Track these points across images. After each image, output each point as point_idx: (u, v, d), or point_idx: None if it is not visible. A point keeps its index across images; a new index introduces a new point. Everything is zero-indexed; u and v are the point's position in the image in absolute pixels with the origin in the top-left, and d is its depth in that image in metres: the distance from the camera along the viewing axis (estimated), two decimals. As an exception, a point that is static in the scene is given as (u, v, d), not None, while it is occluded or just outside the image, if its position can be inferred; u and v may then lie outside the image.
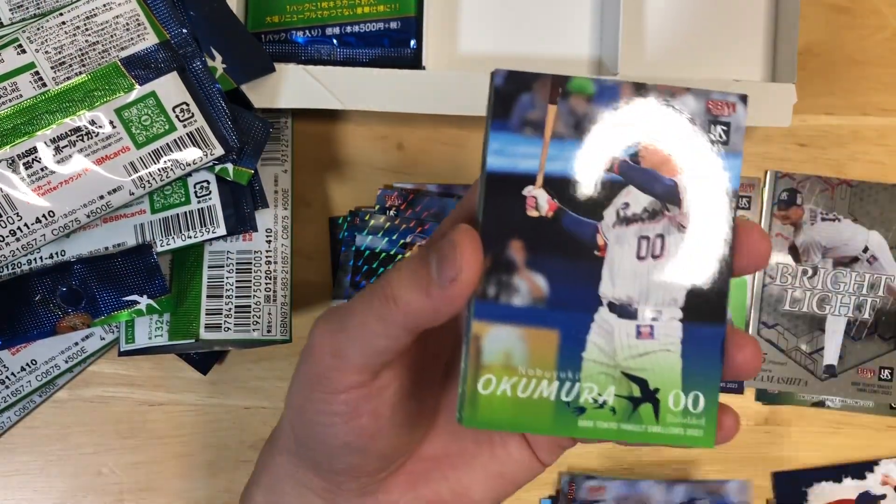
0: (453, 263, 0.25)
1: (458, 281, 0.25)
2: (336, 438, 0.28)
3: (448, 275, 0.25)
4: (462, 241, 0.25)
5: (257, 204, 0.43)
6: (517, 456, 0.31)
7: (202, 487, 0.49)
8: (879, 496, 0.49)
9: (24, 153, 0.39)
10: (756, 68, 0.49)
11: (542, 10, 0.49)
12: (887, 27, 0.51)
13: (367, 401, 0.28)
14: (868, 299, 0.50)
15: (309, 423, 0.29)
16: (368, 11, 0.47)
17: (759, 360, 0.27)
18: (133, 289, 0.42)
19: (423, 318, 0.26)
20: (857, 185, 0.50)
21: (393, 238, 0.48)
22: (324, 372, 0.27)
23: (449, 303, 0.25)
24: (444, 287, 0.25)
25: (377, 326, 0.26)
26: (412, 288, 0.25)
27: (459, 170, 0.50)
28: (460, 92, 0.45)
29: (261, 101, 0.45)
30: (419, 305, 0.25)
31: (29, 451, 0.48)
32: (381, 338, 0.26)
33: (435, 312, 0.25)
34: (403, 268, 0.26)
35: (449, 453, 0.31)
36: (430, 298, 0.25)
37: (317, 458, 0.30)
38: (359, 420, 0.28)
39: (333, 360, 0.27)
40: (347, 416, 0.28)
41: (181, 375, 0.49)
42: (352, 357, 0.27)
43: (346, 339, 0.27)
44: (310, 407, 0.28)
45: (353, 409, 0.27)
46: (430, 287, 0.25)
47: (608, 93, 0.27)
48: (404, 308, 0.26)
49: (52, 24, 0.40)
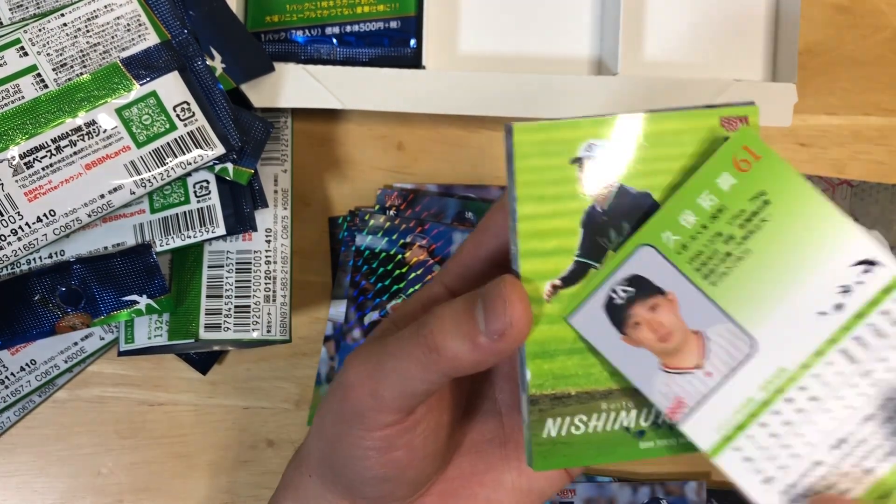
0: (503, 318, 0.25)
1: (506, 335, 0.25)
2: (370, 470, 0.28)
3: (496, 328, 0.25)
4: (511, 295, 0.25)
5: (257, 204, 0.43)
6: (545, 472, 0.32)
7: (202, 487, 0.49)
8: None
9: (25, 153, 0.39)
10: (756, 68, 0.49)
11: (542, 10, 0.49)
12: (888, 27, 0.51)
13: (401, 436, 0.28)
14: (869, 299, 0.50)
15: (342, 455, 0.29)
16: (368, 11, 0.47)
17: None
18: (132, 289, 0.42)
19: (468, 368, 0.26)
20: (858, 184, 0.50)
21: (393, 238, 0.48)
22: (361, 410, 0.28)
23: (496, 355, 0.25)
24: (492, 340, 0.25)
25: (418, 372, 0.26)
26: (457, 338, 0.25)
27: (459, 170, 0.50)
28: (460, 92, 0.45)
29: (260, 100, 0.45)
30: (465, 357, 0.25)
31: (28, 451, 0.48)
32: (421, 383, 0.27)
33: (480, 364, 0.26)
34: (447, 316, 0.26)
35: (477, 472, 0.32)
36: (476, 350, 0.25)
37: (349, 486, 0.30)
38: (394, 454, 0.28)
39: (371, 401, 0.27)
40: (383, 450, 0.28)
41: (181, 375, 0.49)
42: (389, 399, 0.27)
43: (384, 380, 0.27)
44: (345, 440, 0.28)
45: (388, 444, 0.28)
46: (477, 339, 0.25)
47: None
48: (448, 358, 0.26)
49: (53, 26, 0.40)
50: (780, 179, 0.25)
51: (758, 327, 0.25)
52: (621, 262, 0.26)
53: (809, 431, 0.25)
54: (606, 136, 0.26)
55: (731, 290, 0.25)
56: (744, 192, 0.25)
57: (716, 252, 0.26)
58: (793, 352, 0.25)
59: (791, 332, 0.25)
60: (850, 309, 0.25)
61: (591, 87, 0.45)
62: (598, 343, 0.26)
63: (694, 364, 0.26)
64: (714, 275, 0.26)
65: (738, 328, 0.25)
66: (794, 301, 0.25)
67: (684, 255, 0.26)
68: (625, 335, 0.26)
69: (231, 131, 0.41)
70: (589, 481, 0.48)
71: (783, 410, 0.25)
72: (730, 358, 0.26)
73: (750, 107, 0.26)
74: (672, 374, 0.26)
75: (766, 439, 0.25)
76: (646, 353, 0.26)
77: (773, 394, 0.25)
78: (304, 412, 0.49)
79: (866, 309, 0.25)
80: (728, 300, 0.25)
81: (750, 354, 0.25)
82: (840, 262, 0.25)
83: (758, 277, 0.25)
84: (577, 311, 0.26)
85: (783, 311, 0.25)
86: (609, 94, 0.45)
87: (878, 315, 0.25)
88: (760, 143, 0.25)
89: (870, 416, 0.25)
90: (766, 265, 0.25)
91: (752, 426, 0.25)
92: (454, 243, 0.48)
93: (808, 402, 0.25)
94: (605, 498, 0.48)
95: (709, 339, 0.26)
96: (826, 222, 0.25)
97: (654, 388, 0.26)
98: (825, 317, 0.25)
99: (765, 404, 0.26)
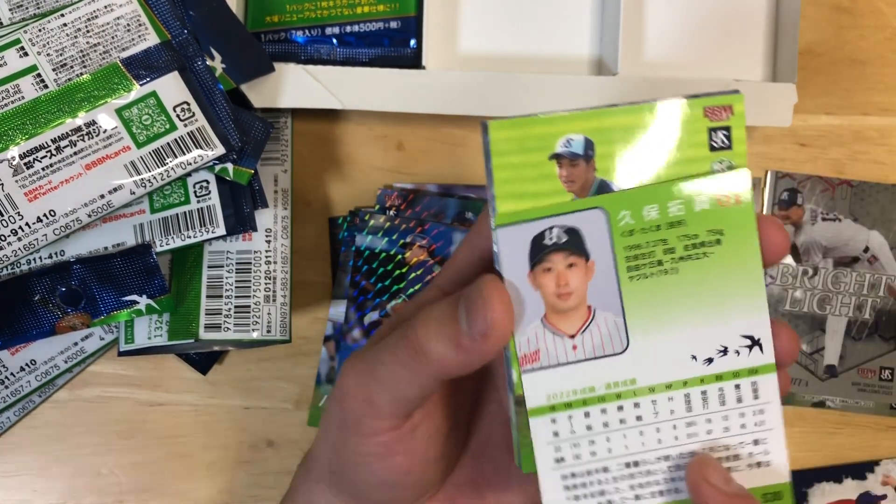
0: (484, 317, 0.25)
1: (489, 336, 0.25)
2: (373, 476, 0.29)
3: (479, 328, 0.25)
4: (491, 295, 0.25)
5: (257, 204, 0.43)
6: None
7: (202, 487, 0.49)
8: (880, 496, 0.49)
9: (25, 153, 0.39)
10: (756, 68, 0.49)
11: (542, 10, 0.49)
12: (888, 27, 0.51)
13: (400, 441, 0.28)
14: (868, 299, 0.50)
15: (346, 461, 0.29)
16: (368, 11, 0.47)
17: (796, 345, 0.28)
18: (132, 289, 0.42)
19: (453, 370, 0.26)
20: (858, 185, 0.50)
21: (393, 238, 0.48)
22: (357, 417, 0.28)
23: (480, 356, 0.25)
24: (474, 340, 0.25)
25: (407, 377, 0.26)
26: (441, 340, 0.26)
27: (459, 170, 0.50)
28: (460, 92, 0.45)
29: (260, 100, 0.45)
30: (450, 358, 0.26)
31: (28, 451, 0.48)
32: (412, 387, 0.27)
33: (465, 365, 0.26)
34: (431, 319, 0.26)
35: (484, 475, 0.32)
36: (460, 351, 0.25)
37: (354, 492, 0.30)
38: (394, 459, 0.28)
39: (366, 407, 0.27)
40: (383, 456, 0.28)
41: (181, 376, 0.49)
42: (383, 404, 0.27)
43: (376, 386, 0.27)
44: (345, 447, 0.29)
45: (387, 449, 0.28)
46: (460, 340, 0.25)
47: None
48: (434, 361, 0.26)
49: (53, 26, 0.40)
50: (743, 234, 0.26)
51: (638, 336, 0.26)
52: (573, 210, 0.26)
53: (617, 441, 0.27)
54: (585, 131, 0.26)
55: (641, 293, 0.26)
56: (708, 222, 0.26)
57: (652, 254, 0.26)
58: (649, 371, 0.27)
59: (659, 357, 0.27)
60: (715, 368, 0.27)
61: (591, 87, 0.45)
62: (505, 263, 0.26)
63: (570, 332, 0.26)
64: (637, 271, 0.26)
65: (623, 327, 0.26)
66: (679, 335, 0.27)
67: (625, 240, 0.26)
68: (531, 272, 0.26)
69: (231, 131, 0.41)
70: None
71: (609, 413, 0.27)
72: (600, 346, 0.26)
73: (734, 95, 0.27)
74: (546, 328, 0.26)
75: (581, 427, 0.27)
76: (537, 298, 0.26)
77: (612, 395, 0.27)
78: (304, 412, 0.49)
79: (726, 375, 0.27)
80: (632, 299, 0.26)
81: (617, 353, 0.26)
82: (735, 327, 0.27)
83: (668, 297, 0.26)
84: (509, 226, 0.26)
85: (666, 336, 0.26)
86: (609, 94, 0.45)
87: (731, 385, 0.27)
88: (749, 187, 0.26)
89: (666, 458, 0.27)
90: (681, 291, 0.26)
91: (577, 410, 0.27)
92: (454, 243, 0.48)
93: (633, 418, 0.27)
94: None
95: (594, 320, 0.26)
96: (749, 293, 0.27)
97: (525, 330, 0.26)
98: (692, 361, 0.27)
99: (600, 399, 0.27)
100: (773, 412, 0.27)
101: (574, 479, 0.27)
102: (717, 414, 0.27)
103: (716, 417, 0.27)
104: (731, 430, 0.27)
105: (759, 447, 0.27)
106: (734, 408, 0.27)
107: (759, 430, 0.27)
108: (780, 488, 0.27)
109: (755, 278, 0.26)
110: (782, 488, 0.27)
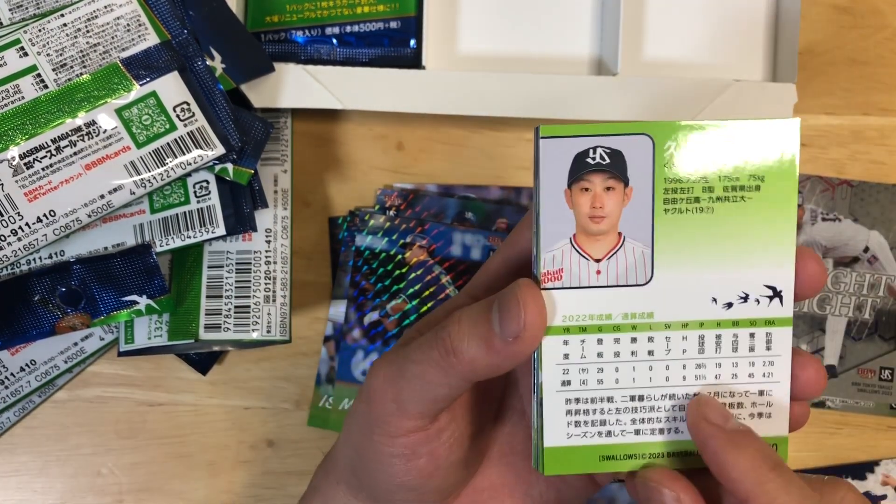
0: (518, 320, 0.25)
1: (521, 338, 0.25)
2: (395, 478, 0.29)
3: (511, 330, 0.25)
4: (526, 299, 0.25)
5: (257, 204, 0.43)
6: (575, 481, 0.32)
7: (202, 488, 0.49)
8: (880, 497, 0.49)
9: (25, 153, 0.39)
10: (756, 68, 0.49)
11: (542, 10, 0.49)
12: (888, 27, 0.51)
13: (425, 444, 0.28)
14: (868, 299, 0.50)
15: (368, 462, 0.29)
16: (368, 11, 0.47)
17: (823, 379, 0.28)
18: (132, 289, 0.42)
19: (485, 371, 0.26)
20: (858, 185, 0.50)
21: (393, 238, 0.48)
22: (384, 417, 0.28)
23: (511, 358, 0.26)
24: (506, 343, 0.25)
25: (437, 377, 0.26)
26: (474, 341, 0.26)
27: (459, 170, 0.50)
28: (460, 92, 0.45)
29: (260, 100, 0.45)
30: (481, 359, 0.26)
31: (28, 451, 0.48)
32: (441, 387, 0.27)
33: (497, 367, 0.26)
34: (464, 319, 0.26)
35: (506, 482, 0.32)
36: (492, 353, 0.25)
37: (375, 494, 0.30)
38: (417, 461, 0.28)
39: (393, 406, 0.27)
40: (406, 458, 0.28)
41: (181, 376, 0.49)
42: (411, 404, 0.27)
43: (405, 386, 0.27)
44: (369, 447, 0.29)
45: (412, 451, 0.28)
46: (492, 341, 0.25)
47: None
48: (465, 361, 0.26)
49: (53, 26, 0.40)
50: (783, 184, 0.26)
51: (663, 270, 0.26)
52: (621, 132, 0.26)
53: (625, 373, 0.27)
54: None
55: (673, 227, 0.26)
56: (752, 168, 0.26)
57: (690, 190, 0.26)
58: (668, 308, 0.27)
59: (680, 294, 0.27)
60: (733, 313, 0.27)
61: (591, 87, 0.45)
62: (544, 174, 0.26)
63: (597, 256, 0.26)
64: (673, 205, 0.26)
65: (650, 259, 0.26)
66: (703, 276, 0.26)
67: (667, 171, 0.26)
68: (569, 189, 0.26)
69: (231, 131, 0.41)
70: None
71: (623, 343, 0.27)
72: (624, 274, 0.26)
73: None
74: (574, 249, 0.26)
75: (592, 353, 0.27)
76: (570, 217, 0.26)
77: (628, 326, 0.27)
78: (304, 412, 0.49)
79: (743, 322, 0.27)
80: (664, 233, 0.26)
81: (640, 284, 0.26)
82: (760, 275, 0.27)
83: (699, 236, 0.26)
84: (553, 138, 0.26)
85: (690, 275, 0.26)
86: (609, 95, 0.45)
87: (746, 333, 0.27)
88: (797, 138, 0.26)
89: (672, 397, 0.27)
90: (713, 232, 0.26)
91: (591, 335, 0.27)
92: (454, 243, 0.48)
93: (645, 352, 0.27)
94: (605, 498, 0.48)
95: (622, 247, 0.26)
96: (779, 243, 0.26)
97: (551, 246, 0.26)
98: (712, 304, 0.27)
99: (615, 328, 0.27)
100: (783, 366, 0.27)
101: (577, 405, 0.27)
102: (728, 360, 0.27)
103: (726, 363, 0.27)
104: (739, 377, 0.27)
105: (763, 398, 0.27)
106: (745, 356, 0.27)
107: (766, 382, 0.27)
108: (777, 440, 0.27)
109: (788, 230, 0.26)
110: (779, 441, 0.27)
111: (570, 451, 0.27)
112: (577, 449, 0.27)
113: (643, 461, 0.27)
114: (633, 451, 0.27)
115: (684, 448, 0.27)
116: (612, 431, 0.27)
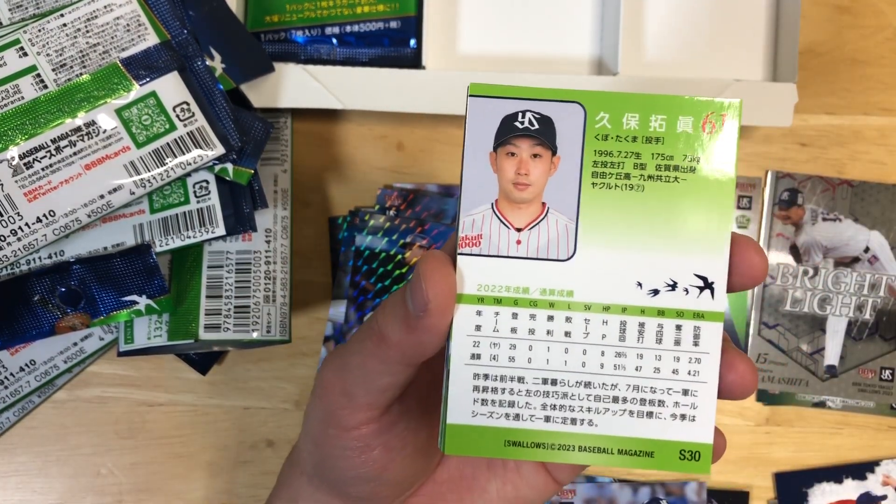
0: (421, 292, 0.24)
1: (429, 310, 0.24)
2: (351, 470, 0.29)
3: (419, 305, 0.24)
4: (426, 269, 0.24)
5: (257, 204, 0.43)
6: (532, 479, 0.31)
7: (201, 488, 0.49)
8: (880, 497, 0.49)
9: (25, 153, 0.39)
10: (757, 68, 0.49)
11: (542, 10, 0.49)
12: (888, 27, 0.51)
13: (378, 435, 0.28)
14: (869, 299, 0.50)
15: (326, 455, 0.29)
16: (368, 11, 0.47)
17: (753, 380, 0.25)
18: (132, 289, 0.42)
19: (413, 352, 0.25)
20: (859, 185, 0.50)
21: (393, 238, 0.48)
22: (335, 410, 0.28)
23: (428, 333, 0.25)
24: (419, 318, 0.24)
25: (375, 365, 0.26)
26: (395, 323, 0.25)
27: (459, 170, 0.49)
28: (460, 92, 0.45)
29: (260, 100, 0.45)
30: (405, 340, 0.25)
31: (28, 451, 0.48)
32: (382, 375, 0.26)
33: (421, 345, 0.25)
34: (387, 303, 0.26)
35: (463, 476, 0.32)
36: (410, 331, 0.25)
37: (334, 485, 0.30)
38: (371, 453, 0.28)
39: (344, 400, 0.27)
40: (360, 450, 0.28)
41: (180, 376, 0.49)
42: (359, 396, 0.27)
43: (350, 378, 0.27)
44: (325, 441, 0.29)
45: (365, 443, 0.28)
46: (408, 320, 0.25)
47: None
48: (394, 345, 0.25)
49: (53, 27, 0.40)
50: (720, 169, 0.25)
51: (586, 247, 0.25)
52: (553, 98, 0.25)
53: (539, 353, 0.25)
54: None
55: (600, 203, 0.25)
56: (687, 146, 0.25)
57: (621, 165, 0.25)
58: (589, 288, 0.25)
59: (603, 275, 0.25)
60: (659, 301, 0.25)
61: (591, 87, 0.45)
62: (470, 134, 0.25)
63: (518, 225, 0.25)
64: (601, 179, 0.25)
65: (574, 233, 0.25)
66: (629, 257, 0.25)
67: (598, 144, 0.25)
68: (494, 152, 0.25)
69: (231, 131, 0.41)
70: (589, 482, 0.48)
71: (539, 320, 0.25)
72: (545, 247, 0.25)
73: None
74: (495, 215, 0.25)
75: (505, 328, 0.25)
76: (493, 181, 0.25)
77: (545, 303, 0.25)
78: (303, 412, 0.49)
79: (669, 312, 0.25)
80: (589, 207, 0.25)
81: (560, 259, 0.25)
82: (690, 263, 0.25)
83: (627, 214, 0.25)
84: (482, 97, 0.25)
85: (615, 255, 0.25)
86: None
87: (671, 324, 0.25)
88: (738, 115, 0.25)
89: (587, 385, 0.25)
90: (642, 211, 0.25)
91: (505, 308, 0.25)
92: (454, 243, 0.48)
93: (561, 332, 0.25)
94: (605, 498, 0.48)
95: (545, 218, 0.25)
96: (713, 230, 0.25)
97: (471, 210, 0.25)
98: (637, 288, 0.25)
99: (532, 303, 0.25)
100: (710, 365, 0.25)
101: (485, 381, 0.25)
102: (651, 351, 0.25)
103: (648, 354, 0.25)
104: (662, 372, 0.25)
105: (687, 398, 0.25)
106: (670, 349, 0.25)
107: (691, 381, 0.25)
108: (699, 448, 0.25)
109: (723, 217, 0.25)
110: (702, 449, 0.25)
111: (473, 430, 0.25)
112: (481, 429, 0.25)
113: (551, 452, 0.25)
114: (541, 440, 0.25)
115: (598, 444, 0.25)
116: (521, 415, 0.25)
